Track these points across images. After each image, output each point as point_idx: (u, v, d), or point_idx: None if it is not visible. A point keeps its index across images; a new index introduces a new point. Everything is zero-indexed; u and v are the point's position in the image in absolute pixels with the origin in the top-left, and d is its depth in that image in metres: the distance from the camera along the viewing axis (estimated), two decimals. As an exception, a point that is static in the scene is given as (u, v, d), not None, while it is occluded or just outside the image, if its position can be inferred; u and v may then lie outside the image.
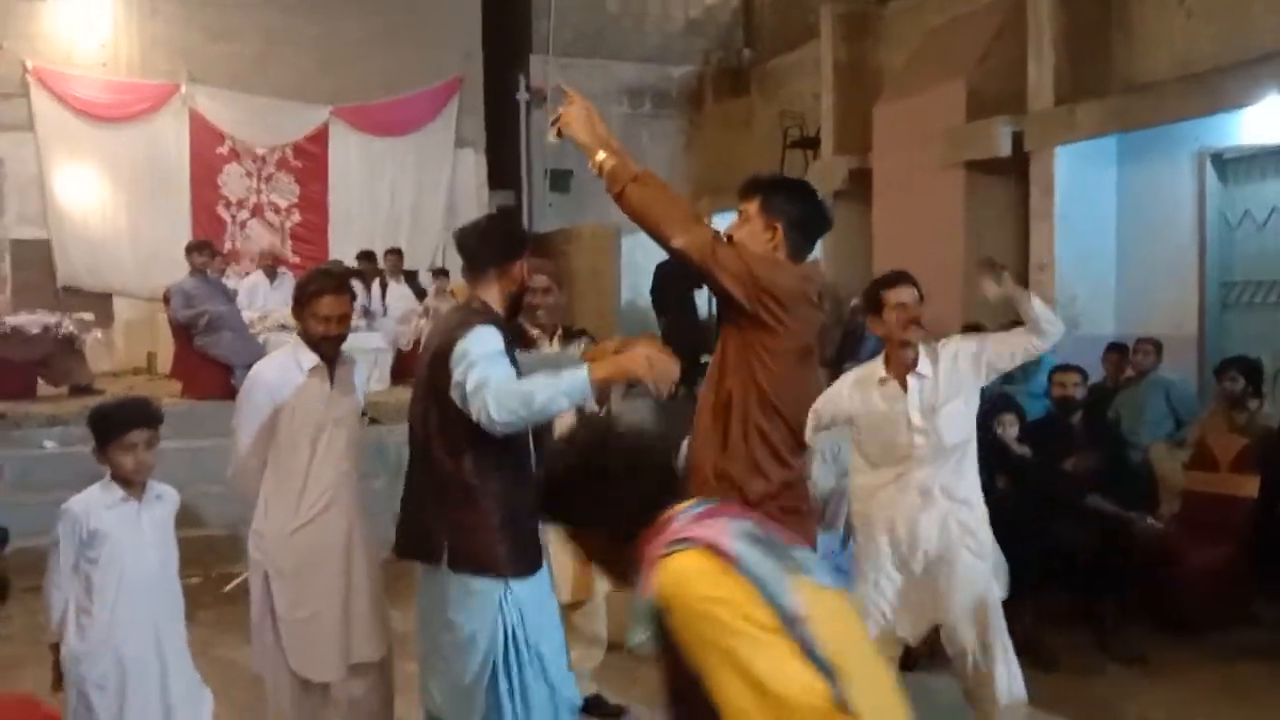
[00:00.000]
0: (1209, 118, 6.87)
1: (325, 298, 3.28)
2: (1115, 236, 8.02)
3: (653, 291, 11.30)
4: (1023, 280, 8.22)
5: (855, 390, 3.50)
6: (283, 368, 3.34)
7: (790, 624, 1.50)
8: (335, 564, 3.33)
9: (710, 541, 1.57)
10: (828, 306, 3.00)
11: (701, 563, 1.55)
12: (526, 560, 2.87)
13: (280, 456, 3.30)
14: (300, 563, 3.28)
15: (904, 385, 3.38)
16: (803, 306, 2.79)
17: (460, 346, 2.72)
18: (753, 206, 2.88)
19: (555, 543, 3.71)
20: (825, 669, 1.49)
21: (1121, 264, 7.96)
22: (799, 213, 2.89)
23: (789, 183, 3.00)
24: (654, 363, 2.64)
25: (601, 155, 2.81)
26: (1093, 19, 7.85)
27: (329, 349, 3.34)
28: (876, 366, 3.49)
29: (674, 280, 11.24)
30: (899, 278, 3.43)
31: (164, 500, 3.09)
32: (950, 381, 3.37)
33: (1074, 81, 7.82)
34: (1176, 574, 4.81)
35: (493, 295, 2.94)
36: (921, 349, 3.40)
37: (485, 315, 2.87)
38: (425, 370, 2.90)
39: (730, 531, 1.60)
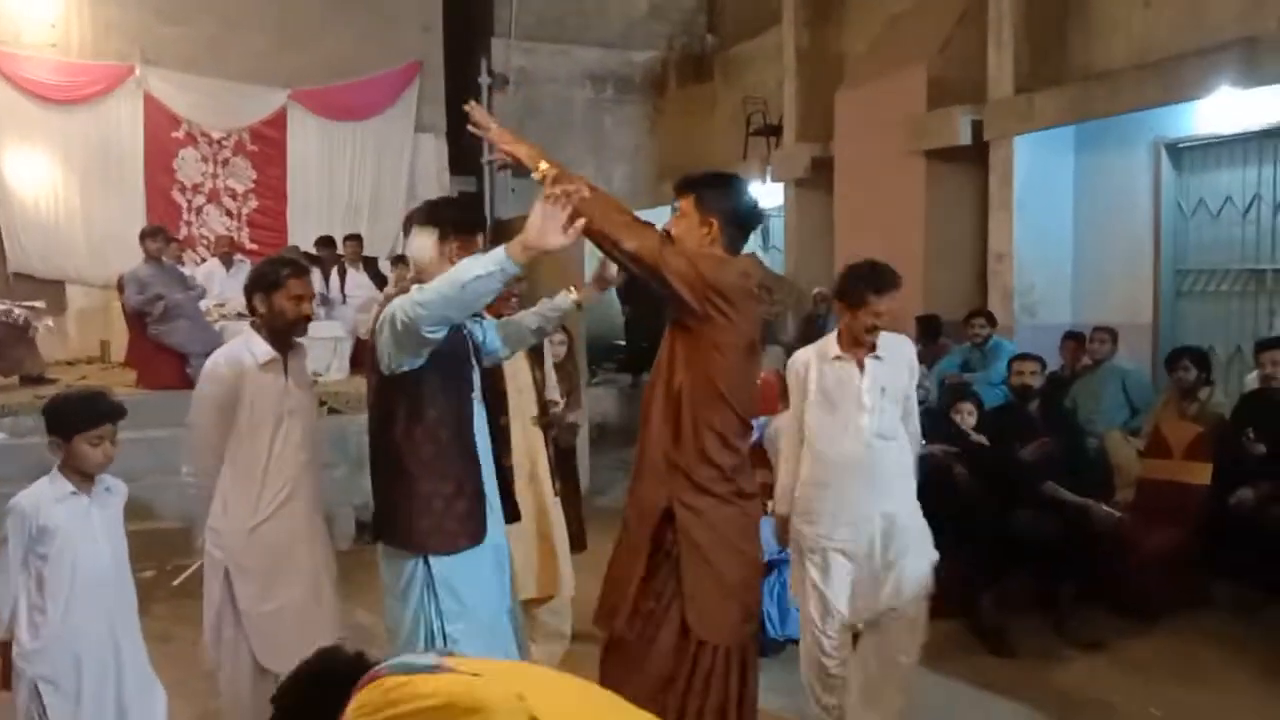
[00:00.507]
0: (1164, 108, 6.95)
1: (297, 278, 3.30)
2: (1072, 225, 8.10)
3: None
4: (980, 270, 8.33)
5: (812, 366, 3.59)
6: (237, 360, 3.29)
7: (436, 669, 1.66)
8: (300, 555, 3.33)
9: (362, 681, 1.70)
10: (778, 296, 3.00)
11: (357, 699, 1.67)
12: (450, 536, 2.79)
13: (238, 451, 3.26)
14: (264, 557, 3.26)
15: (860, 366, 3.47)
16: (747, 301, 2.84)
17: (380, 319, 2.68)
18: (688, 203, 2.93)
19: (520, 537, 3.74)
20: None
21: (1078, 253, 8.05)
22: (733, 207, 2.94)
23: (722, 178, 3.03)
24: (549, 199, 2.50)
25: (545, 165, 2.85)
26: (1052, 8, 7.90)
27: (299, 332, 3.34)
28: (830, 343, 3.56)
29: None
30: (889, 284, 3.43)
31: (113, 493, 3.03)
32: (893, 372, 3.49)
33: (1033, 70, 7.88)
34: (1133, 560, 4.87)
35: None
36: (882, 335, 3.48)
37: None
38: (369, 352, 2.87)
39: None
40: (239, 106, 11.37)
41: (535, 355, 4.18)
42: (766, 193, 12.06)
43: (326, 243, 10.03)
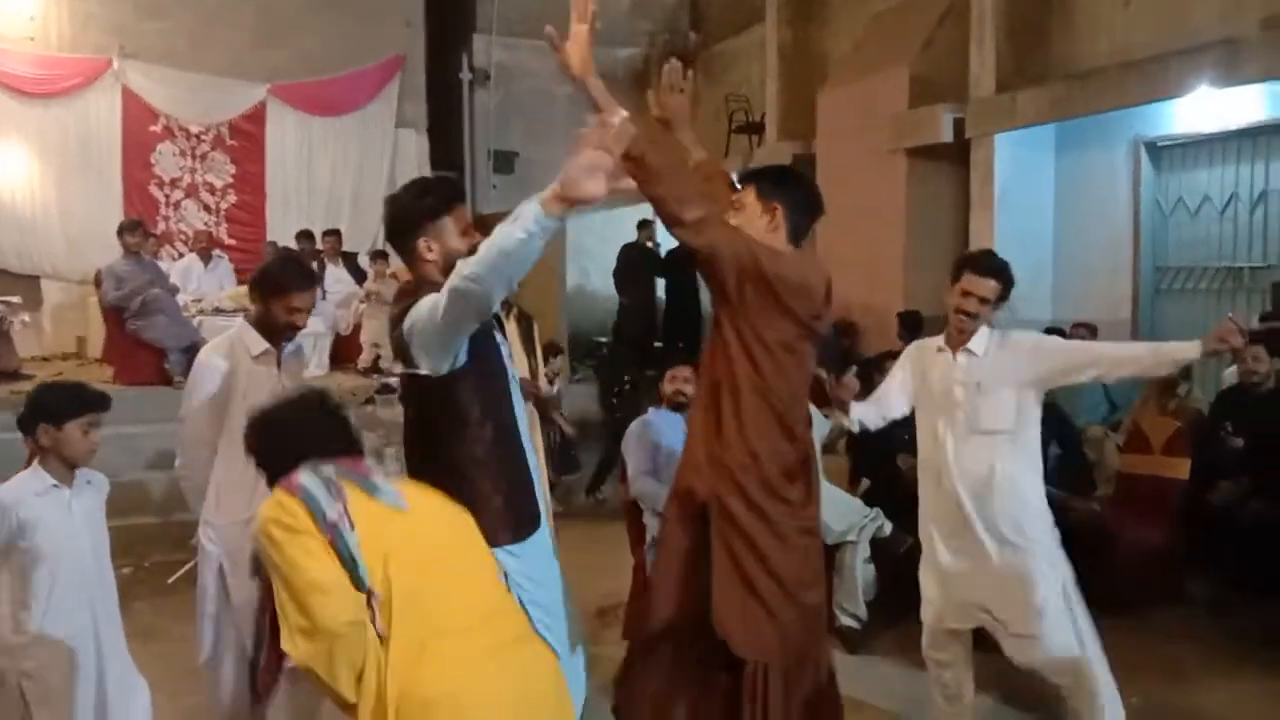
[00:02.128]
0: (1144, 107, 7.00)
1: (302, 293, 3.28)
2: (1053, 223, 8.15)
3: (616, 272, 11.30)
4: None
5: (916, 358, 3.57)
6: (230, 352, 3.27)
7: (326, 527, 2.00)
8: None
9: (286, 482, 2.08)
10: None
11: (278, 497, 2.07)
12: (514, 527, 2.72)
13: (231, 444, 3.22)
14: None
15: (955, 357, 3.41)
16: (802, 299, 2.73)
17: (407, 323, 2.54)
18: (748, 193, 2.86)
19: None
20: (352, 561, 2.00)
21: (1059, 250, 8.09)
22: (796, 195, 2.87)
23: (782, 168, 2.99)
24: (595, 159, 2.22)
25: (625, 113, 2.51)
26: (1034, 7, 7.94)
27: (285, 338, 3.31)
28: (939, 337, 3.52)
29: (638, 263, 11.25)
30: (983, 268, 3.40)
31: (94, 486, 3.01)
32: (999, 368, 3.34)
33: (1015, 69, 7.91)
34: (1112, 554, 4.90)
35: (426, 270, 2.70)
36: (985, 331, 3.39)
37: (430, 288, 2.57)
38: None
39: (303, 471, 2.09)
40: (218, 101, 11.30)
41: (528, 341, 4.14)
42: (749, 190, 12.04)
43: (306, 236, 9.98)
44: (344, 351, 9.38)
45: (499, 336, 2.83)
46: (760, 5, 11.40)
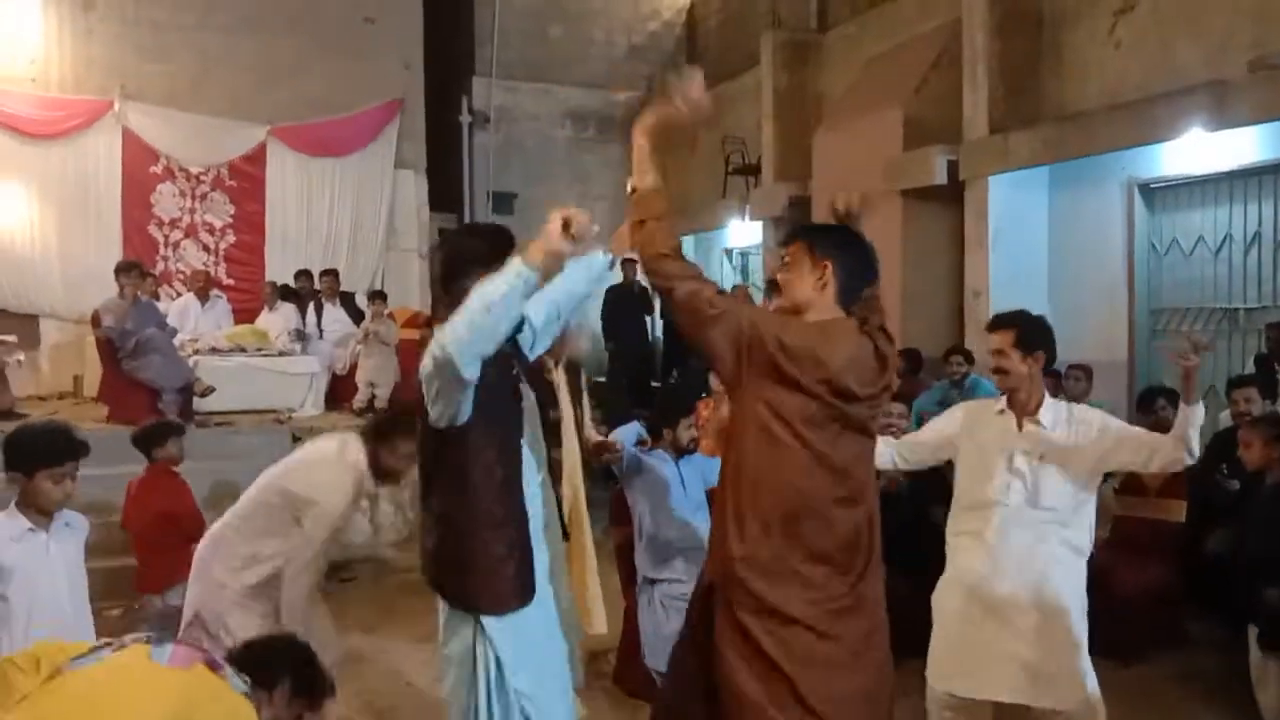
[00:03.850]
0: (1137, 149, 7.04)
1: (409, 438, 3.22)
2: (1047, 263, 8.17)
3: (603, 315, 11.31)
4: (958, 307, 8.38)
5: (967, 415, 3.49)
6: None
7: None
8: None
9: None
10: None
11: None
12: (501, 596, 2.65)
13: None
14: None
15: (1020, 425, 3.33)
16: (807, 368, 2.50)
17: (423, 369, 2.51)
18: (798, 249, 2.72)
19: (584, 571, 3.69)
20: None
21: (1054, 291, 8.10)
22: (849, 256, 2.71)
23: (834, 227, 2.86)
24: (568, 211, 2.40)
25: (652, 180, 2.66)
26: (1026, 50, 8.02)
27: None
28: (999, 399, 3.45)
29: (625, 305, 11.27)
30: (998, 323, 3.45)
31: (73, 528, 2.98)
32: (1066, 445, 3.28)
33: (1008, 111, 7.97)
34: (1111, 598, 4.85)
35: None
36: (1050, 402, 3.37)
37: None
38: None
39: None
40: (218, 142, 11.37)
41: (575, 390, 4.07)
42: (745, 231, 12.11)
43: (304, 276, 10.00)
44: (340, 391, 9.37)
45: (523, 390, 2.78)
46: (756, 49, 11.53)
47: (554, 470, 3.62)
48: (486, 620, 2.63)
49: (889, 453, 3.51)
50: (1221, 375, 6.83)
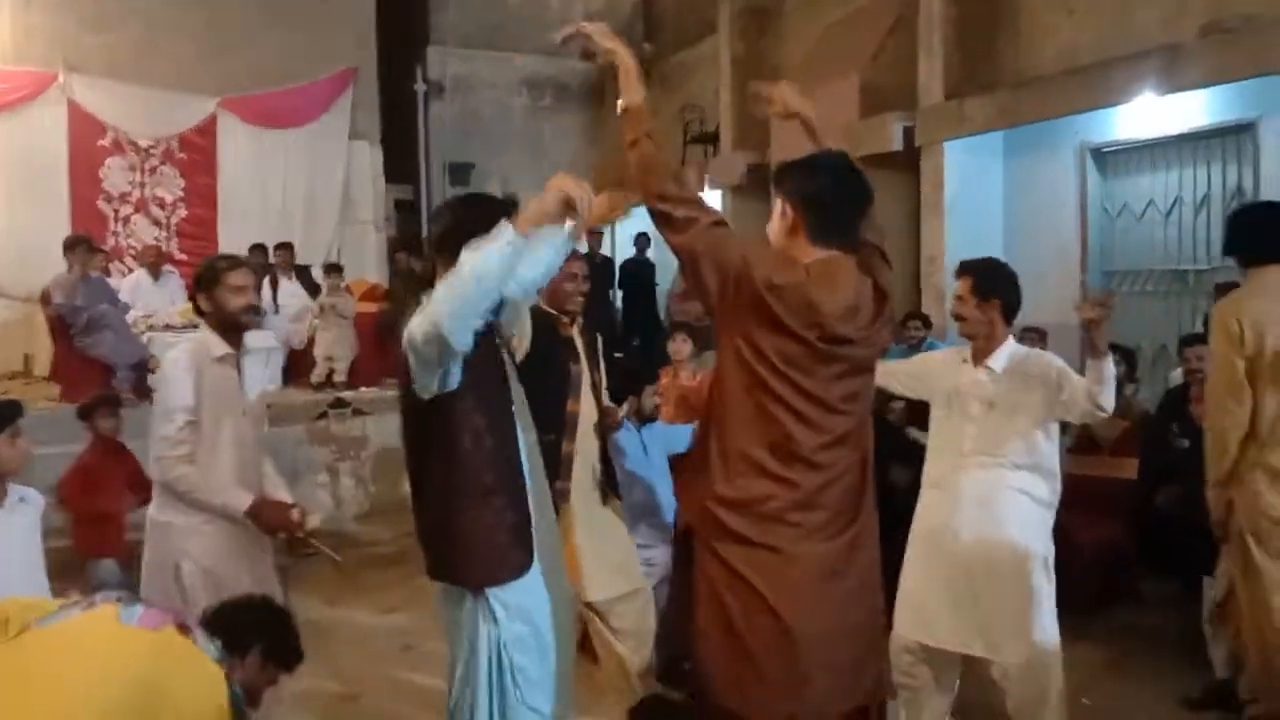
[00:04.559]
0: (1089, 113, 7.11)
1: (237, 269, 3.32)
2: (1003, 228, 8.24)
3: None
4: (915, 273, 8.44)
5: (943, 359, 3.55)
6: (195, 354, 3.26)
7: None
8: (254, 553, 3.34)
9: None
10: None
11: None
12: (496, 566, 2.59)
13: (196, 449, 3.21)
14: (217, 555, 3.23)
15: (977, 371, 3.39)
16: (797, 312, 2.38)
17: (404, 335, 2.42)
18: (775, 192, 2.60)
19: (587, 535, 3.65)
20: None
21: (1009, 255, 8.12)
22: (815, 187, 2.52)
23: (808, 159, 2.62)
24: (570, 188, 2.38)
25: (642, 95, 2.55)
26: (982, 17, 8.05)
27: (245, 322, 3.34)
28: (966, 347, 3.49)
29: (590, 272, 11.21)
30: (960, 269, 3.47)
31: (28, 503, 2.94)
32: (1015, 392, 3.31)
33: (964, 77, 8.01)
34: (1062, 555, 4.94)
35: None
36: (1009, 348, 3.39)
37: None
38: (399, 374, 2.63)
39: None
40: (167, 114, 11.14)
41: (593, 355, 3.98)
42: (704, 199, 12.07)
43: (259, 250, 9.86)
44: (297, 366, 9.27)
45: (505, 355, 2.73)
46: (714, 17, 11.48)
47: (568, 426, 3.67)
48: (490, 592, 2.58)
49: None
50: (1173, 334, 6.95)
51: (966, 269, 3.46)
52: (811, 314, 2.38)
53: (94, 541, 5.02)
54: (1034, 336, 6.70)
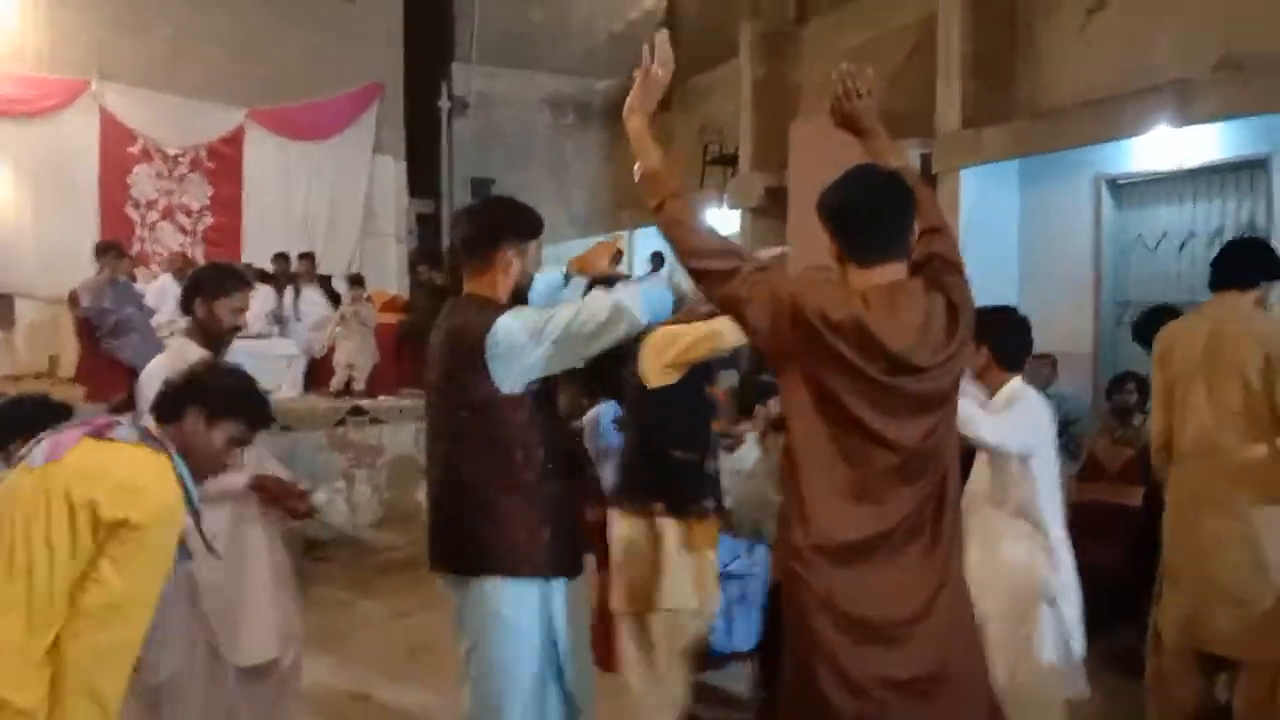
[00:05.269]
0: (1105, 145, 7.19)
1: (242, 292, 3.41)
2: (1017, 257, 8.32)
3: (585, 292, 11.35)
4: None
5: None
6: (172, 365, 3.31)
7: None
8: (261, 555, 3.39)
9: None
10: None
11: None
12: (560, 562, 2.71)
13: None
14: (238, 551, 3.29)
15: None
16: (847, 341, 2.23)
17: (496, 334, 2.55)
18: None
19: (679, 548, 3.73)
20: None
21: (1023, 283, 8.25)
22: (837, 202, 2.38)
23: (838, 178, 2.44)
24: (620, 253, 2.68)
25: (658, 156, 2.52)
26: (1000, 44, 8.15)
27: (228, 340, 3.41)
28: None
29: (607, 288, 11.34)
30: None
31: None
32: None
33: (981, 105, 8.11)
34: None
35: (490, 287, 2.74)
36: (1006, 390, 3.42)
37: (499, 308, 2.66)
38: (442, 373, 2.72)
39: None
40: (196, 124, 11.37)
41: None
42: (723, 220, 12.24)
43: (281, 259, 10.02)
44: (318, 374, 9.41)
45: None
46: (735, 40, 11.62)
47: (712, 445, 3.88)
48: (548, 585, 2.69)
49: None
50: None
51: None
52: (874, 347, 2.21)
53: None
54: (1044, 364, 6.77)
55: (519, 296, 2.82)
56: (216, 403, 2.38)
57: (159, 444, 2.23)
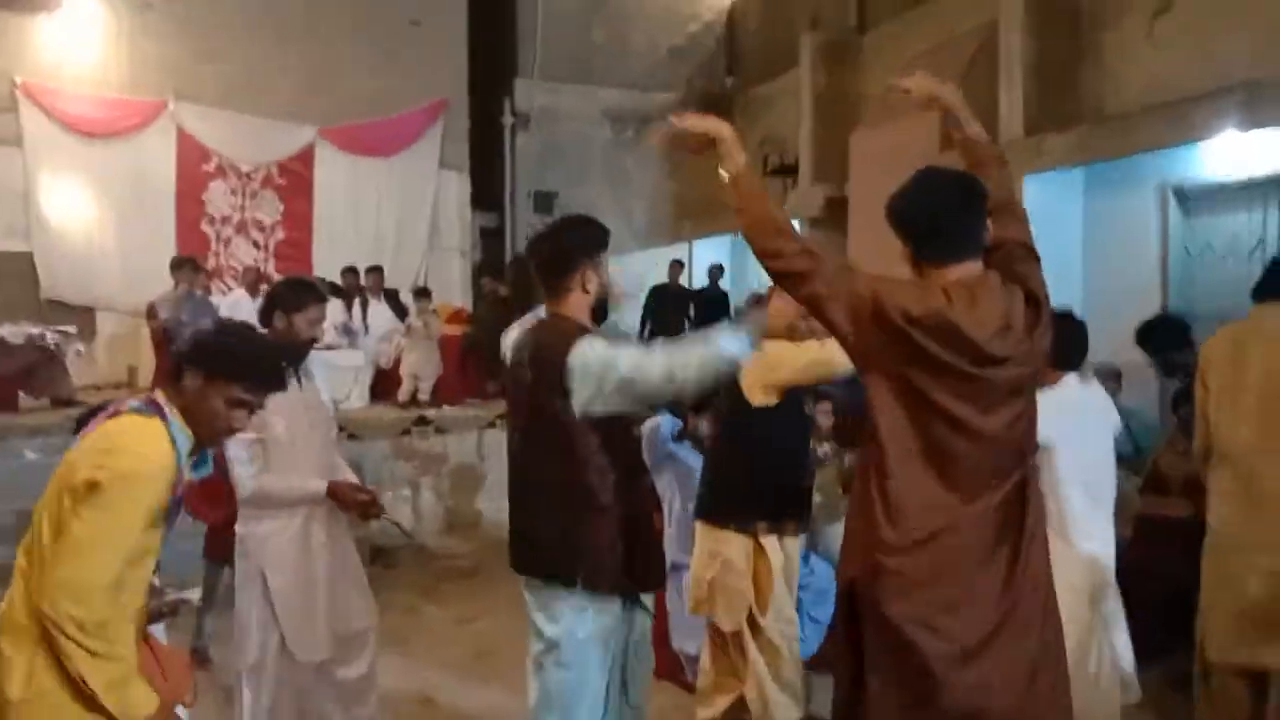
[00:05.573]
0: (1171, 151, 7.07)
1: (319, 305, 3.55)
2: (1082, 265, 8.21)
3: (645, 310, 11.45)
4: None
5: None
6: None
7: None
8: (331, 555, 3.55)
9: None
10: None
11: None
12: (632, 577, 2.80)
13: (276, 457, 3.47)
14: (296, 559, 3.47)
15: None
16: (936, 337, 2.26)
17: (574, 360, 2.65)
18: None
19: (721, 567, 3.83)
20: None
21: (1086, 292, 8.13)
22: (904, 207, 2.44)
23: (906, 183, 2.48)
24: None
25: (743, 161, 2.57)
26: (1063, 50, 8.06)
27: (305, 352, 3.54)
28: None
29: (667, 303, 11.43)
30: None
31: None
32: None
33: (1043, 111, 8.02)
34: (1133, 594, 4.92)
35: (575, 306, 2.84)
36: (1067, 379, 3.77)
37: (581, 330, 2.77)
38: (524, 390, 2.83)
39: None
40: (268, 142, 11.72)
41: None
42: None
43: (350, 273, 10.28)
44: (384, 384, 9.62)
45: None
46: (796, 50, 11.63)
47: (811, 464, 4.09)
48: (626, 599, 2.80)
49: None
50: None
51: None
52: (959, 340, 2.25)
53: (218, 547, 4.98)
54: (1107, 376, 6.67)
55: (600, 309, 2.91)
56: (213, 364, 2.33)
57: (154, 409, 2.28)
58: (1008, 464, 2.34)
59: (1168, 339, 5.22)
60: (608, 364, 2.62)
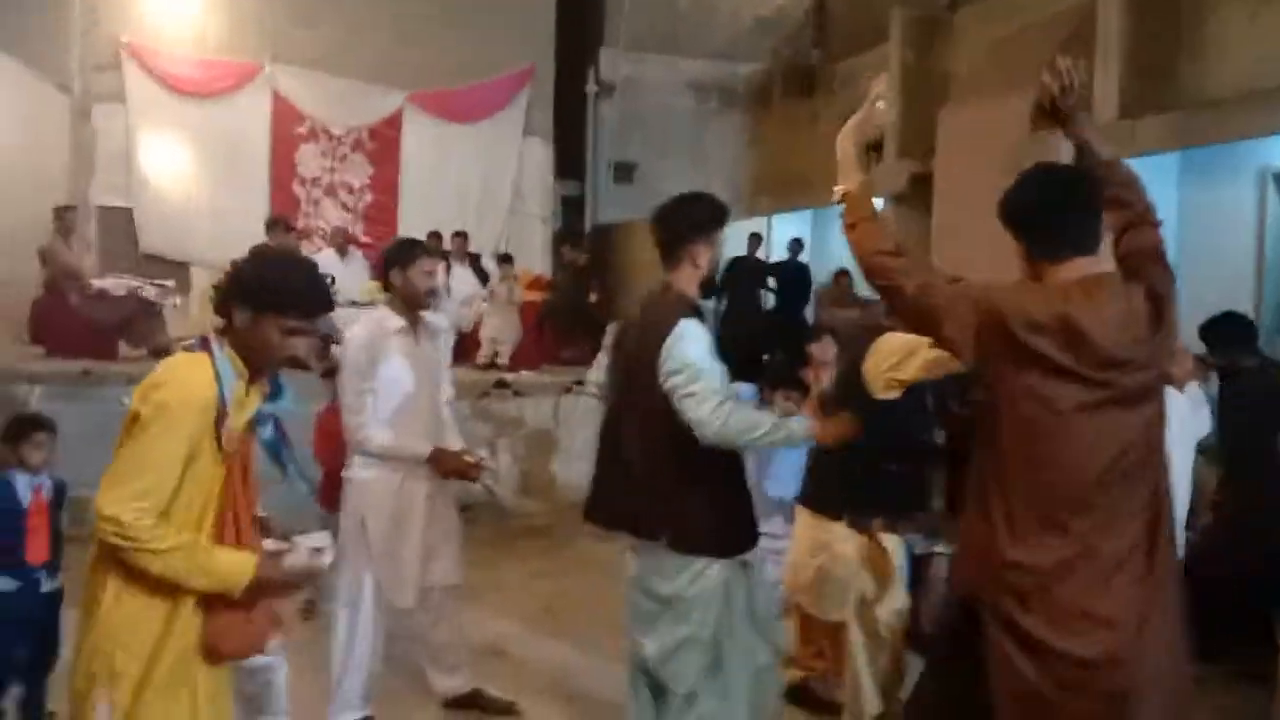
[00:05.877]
0: (1272, 138, 6.88)
1: (428, 255, 3.80)
2: (1176, 254, 7.99)
3: (722, 279, 11.40)
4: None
5: None
6: (371, 331, 3.68)
7: None
8: (419, 510, 3.75)
9: None
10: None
11: None
12: (722, 542, 2.96)
13: (384, 411, 3.65)
14: (395, 508, 3.68)
15: None
16: (1051, 341, 2.22)
17: (672, 347, 2.83)
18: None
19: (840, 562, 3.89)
20: None
21: (1182, 282, 7.90)
22: (1015, 203, 2.42)
23: (1019, 178, 2.46)
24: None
25: (859, 180, 2.62)
26: (1161, 32, 7.84)
27: (426, 302, 3.78)
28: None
29: (744, 273, 11.41)
30: None
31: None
32: None
33: (1138, 96, 7.83)
34: (1199, 587, 4.85)
35: (685, 278, 3.02)
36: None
37: (686, 306, 2.95)
38: (633, 358, 3.02)
39: None
40: (359, 106, 11.96)
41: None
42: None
43: (435, 237, 10.47)
44: (465, 347, 9.83)
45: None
46: (884, 25, 11.47)
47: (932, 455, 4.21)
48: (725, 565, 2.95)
49: None
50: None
51: None
52: (1081, 342, 2.20)
53: (332, 495, 4.97)
54: (1200, 365, 6.54)
55: (710, 282, 3.09)
56: (258, 299, 2.37)
57: (203, 345, 2.39)
58: (1135, 481, 2.26)
59: (1232, 338, 5.04)
60: (684, 381, 2.81)
